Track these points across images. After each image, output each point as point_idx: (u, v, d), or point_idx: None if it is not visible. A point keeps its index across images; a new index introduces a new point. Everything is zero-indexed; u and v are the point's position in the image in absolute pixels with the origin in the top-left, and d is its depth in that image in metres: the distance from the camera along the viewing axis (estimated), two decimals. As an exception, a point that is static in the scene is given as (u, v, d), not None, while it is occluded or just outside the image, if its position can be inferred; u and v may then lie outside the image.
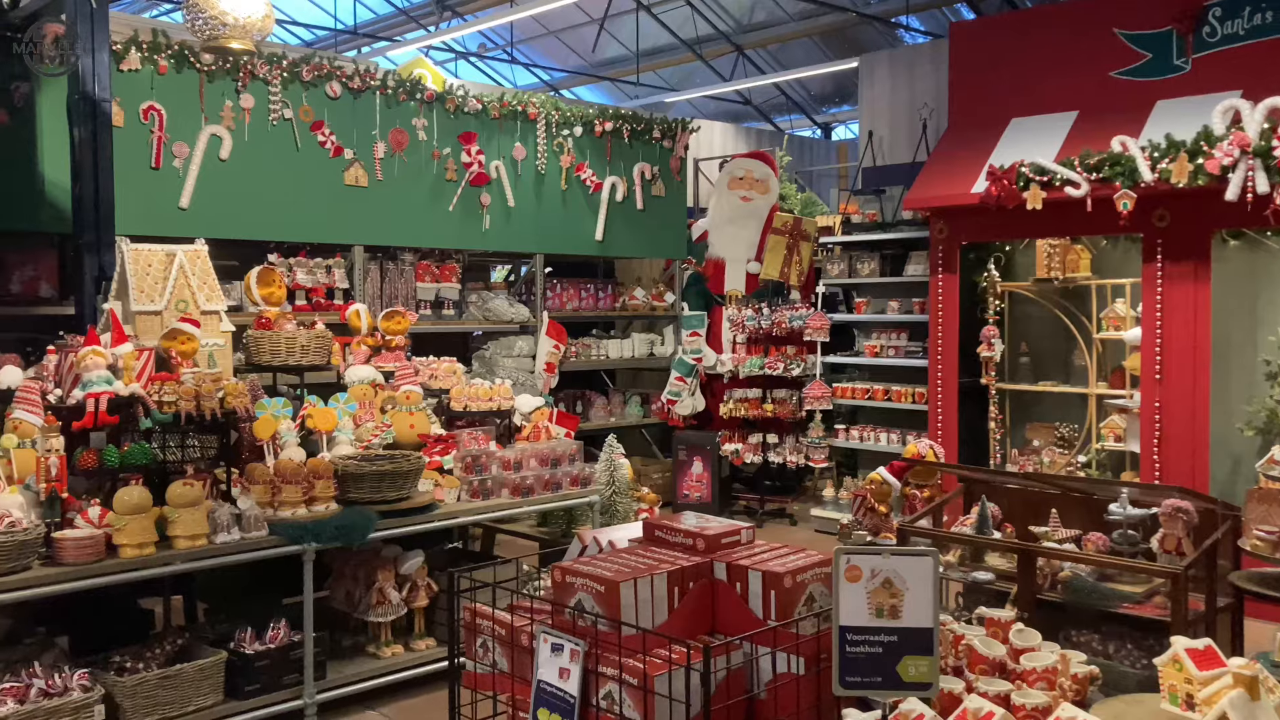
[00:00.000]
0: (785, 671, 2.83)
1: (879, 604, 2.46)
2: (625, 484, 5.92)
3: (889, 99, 10.05)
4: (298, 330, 5.41)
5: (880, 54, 11.35)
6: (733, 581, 3.04)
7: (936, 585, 2.44)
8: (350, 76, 7.26)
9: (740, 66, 18.90)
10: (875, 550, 2.50)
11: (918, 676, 2.46)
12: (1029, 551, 4.02)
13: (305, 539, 4.44)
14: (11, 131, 5.89)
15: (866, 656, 2.47)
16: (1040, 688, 2.74)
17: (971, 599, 4.40)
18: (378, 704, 4.70)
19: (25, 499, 3.99)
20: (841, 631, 2.51)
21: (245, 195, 6.76)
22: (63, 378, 4.47)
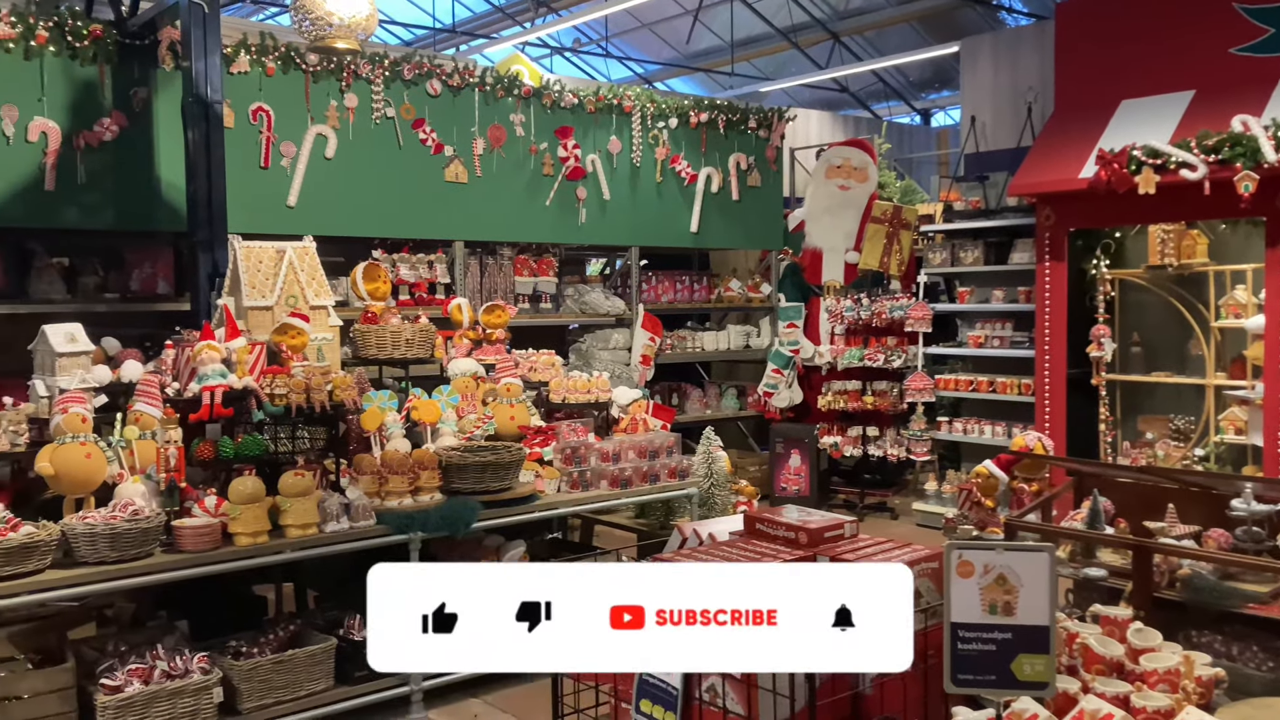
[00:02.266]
0: (891, 668, 2.78)
1: (992, 600, 2.40)
2: (723, 476, 5.90)
3: (992, 83, 9.78)
4: (402, 324, 5.52)
5: (982, 37, 11.06)
6: (836, 575, 2.99)
7: (1053, 582, 2.37)
8: (449, 74, 7.37)
9: (837, 54, 18.63)
10: (988, 545, 2.44)
11: (1033, 675, 2.38)
12: (1146, 548, 3.88)
13: (411, 528, 4.53)
14: (131, 135, 6.14)
15: (979, 654, 2.41)
16: (1162, 690, 2.64)
17: (1083, 596, 4.26)
18: (481, 692, 4.77)
19: (147, 488, 4.15)
20: (953, 628, 2.45)
21: (350, 193, 6.92)
22: (180, 371, 4.63)
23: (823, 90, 20.35)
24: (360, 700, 4.46)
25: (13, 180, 5.75)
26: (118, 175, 6.08)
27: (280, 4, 16.23)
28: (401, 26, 18.07)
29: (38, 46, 5.80)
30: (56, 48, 5.86)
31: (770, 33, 18.51)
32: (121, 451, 4.22)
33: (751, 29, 18.44)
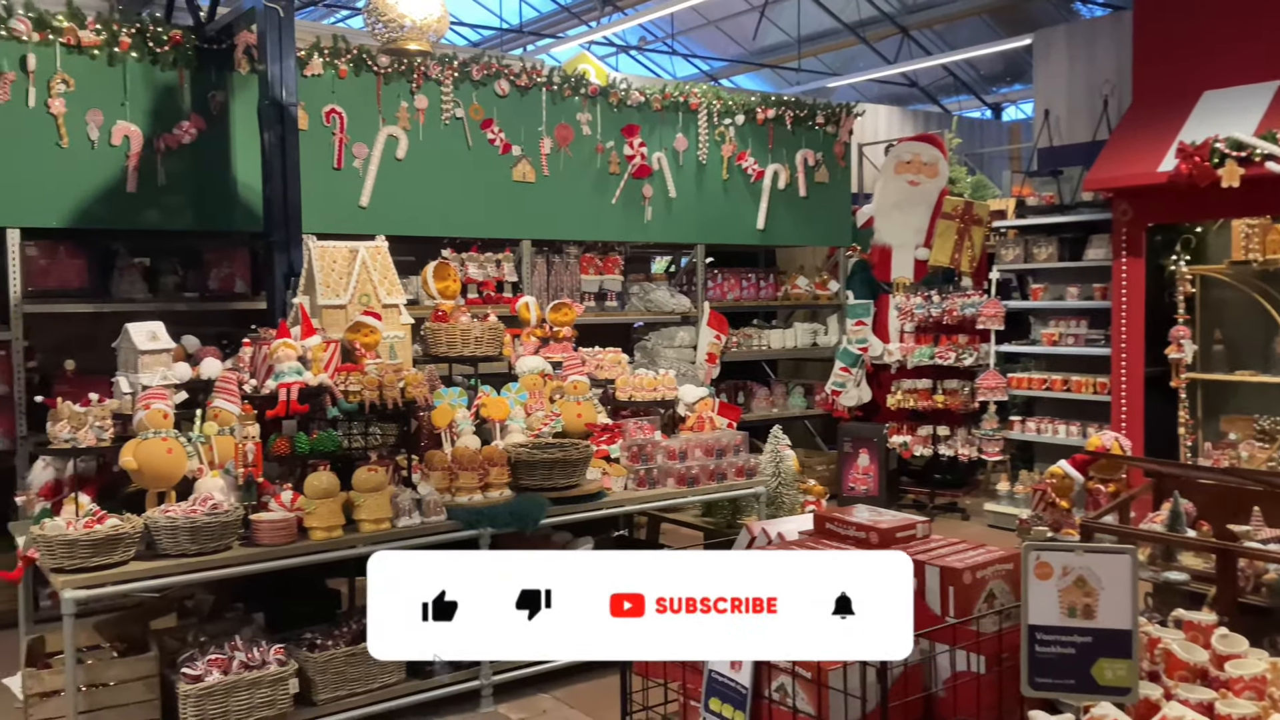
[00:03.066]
0: (965, 670, 2.74)
1: (1071, 603, 2.34)
2: (791, 475, 5.86)
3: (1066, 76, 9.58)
4: (472, 323, 5.58)
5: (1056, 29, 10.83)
6: (908, 576, 2.95)
7: (1135, 585, 2.31)
8: (518, 74, 7.43)
9: (905, 48, 18.40)
10: (1067, 547, 2.39)
11: (1115, 680, 2.33)
12: (1231, 552, 3.76)
13: (481, 523, 4.57)
14: (209, 138, 6.29)
15: (1058, 657, 2.36)
16: (1248, 697, 2.56)
17: (1163, 600, 4.15)
18: (550, 688, 4.80)
19: (225, 483, 4.25)
20: (1030, 630, 2.40)
21: (420, 193, 7.01)
22: (257, 369, 4.74)
23: (891, 85, 20.11)
24: (431, 693, 4.52)
25: (97, 183, 5.93)
26: (196, 177, 6.24)
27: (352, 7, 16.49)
28: (469, 27, 18.26)
29: (121, 52, 5.97)
30: (139, 53, 6.03)
31: (838, 28, 18.34)
32: (201, 447, 4.32)
33: (819, 24, 18.30)
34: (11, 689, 4.70)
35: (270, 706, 4.07)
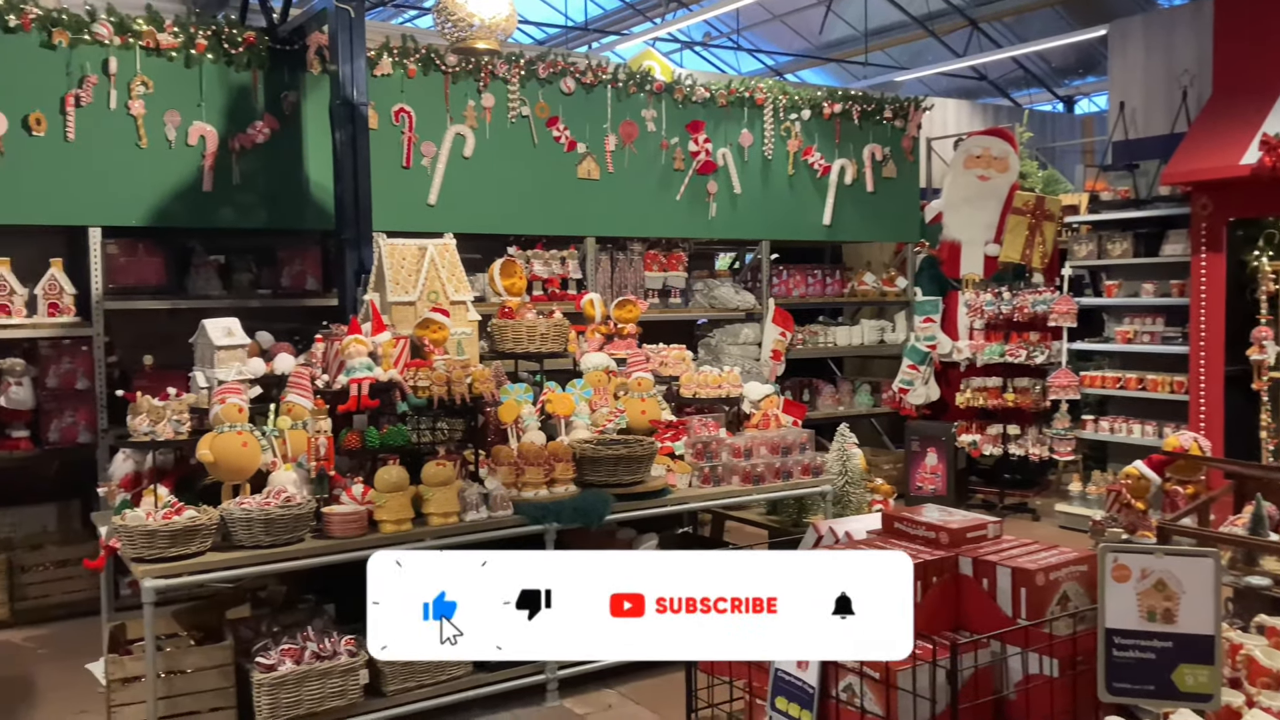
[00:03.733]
0: (1037, 673, 2.69)
1: (1150, 607, 2.29)
2: (858, 474, 5.80)
3: (1142, 67, 9.33)
4: (538, 319, 5.61)
5: (1133, 19, 10.56)
6: (979, 577, 2.91)
7: (1218, 589, 2.24)
8: (583, 72, 7.45)
9: (975, 41, 18.10)
10: (1146, 549, 2.33)
11: (1196, 687, 2.27)
12: (1315, 556, 3.65)
13: (547, 519, 4.60)
14: (281, 138, 6.41)
15: (1136, 662, 2.31)
16: (1335, 707, 2.48)
17: (1244, 605, 4.03)
18: (615, 683, 4.81)
19: (298, 476, 4.33)
20: (1108, 634, 2.35)
21: (487, 191, 7.07)
22: (329, 364, 4.82)
23: (960, 78, 19.80)
24: (498, 687, 4.56)
25: (174, 182, 6.08)
26: (269, 176, 6.36)
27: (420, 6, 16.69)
28: (535, 25, 18.37)
29: (197, 54, 6.11)
30: (214, 55, 6.17)
31: (905, 21, 18.10)
32: (275, 440, 4.40)
33: (886, 17, 18.08)
34: (95, 674, 4.86)
35: (341, 696, 4.15)
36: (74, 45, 5.78)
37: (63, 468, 6.30)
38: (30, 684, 5.00)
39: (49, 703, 4.77)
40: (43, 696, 4.85)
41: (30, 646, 5.56)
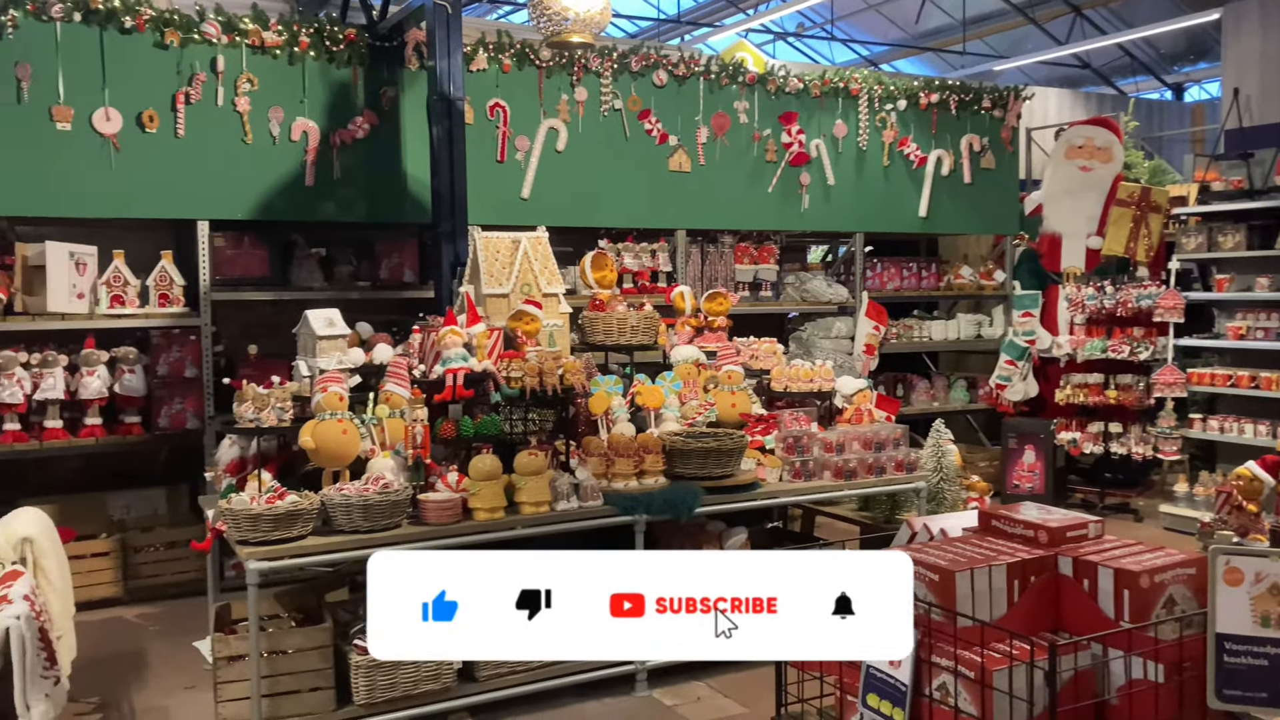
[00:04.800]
0: (1140, 678, 2.61)
1: (1265, 612, 2.20)
2: (953, 471, 5.70)
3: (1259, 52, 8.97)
4: (628, 311, 5.63)
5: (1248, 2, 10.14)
6: (1079, 578, 2.83)
7: (1338, 595, 2.15)
8: (675, 64, 7.45)
9: (1078, 28, 17.58)
10: (1261, 553, 2.24)
11: (1311, 696, 2.18)
12: None
13: (637, 510, 4.62)
14: (380, 133, 6.55)
15: (1249, 669, 2.22)
16: None
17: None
18: (705, 675, 4.81)
19: (395, 463, 4.42)
20: (1219, 640, 2.27)
21: (579, 184, 7.12)
22: (426, 354, 4.91)
23: (1062, 67, 19.27)
24: (588, 675, 4.60)
25: (278, 177, 6.26)
26: (368, 171, 6.51)
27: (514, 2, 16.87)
28: (627, 19, 18.43)
29: (300, 52, 6.27)
30: (316, 52, 6.33)
31: (1005, 8, 17.68)
32: (373, 428, 4.50)
33: (984, 5, 17.68)
34: (202, 651, 5.05)
35: (435, 680, 4.23)
36: (184, 45, 5.99)
37: (172, 453, 6.55)
38: (142, 659, 5.22)
39: (159, 677, 4.97)
40: (153, 671, 5.06)
41: (141, 623, 5.80)
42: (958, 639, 2.72)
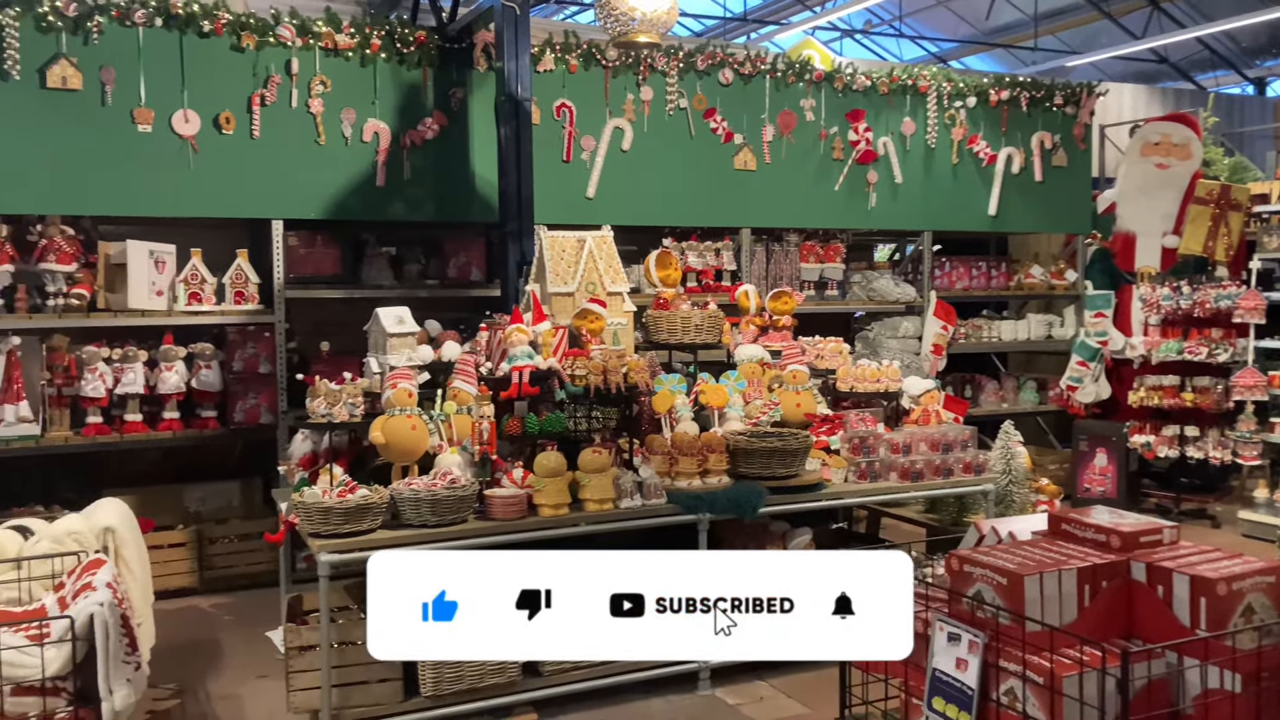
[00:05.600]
0: (1217, 688, 2.55)
1: (1347, 622, 2.14)
2: (1022, 473, 5.61)
3: (1346, 44, 8.67)
4: (692, 310, 5.64)
5: (1334, -8, 9.83)
6: (1153, 584, 2.78)
7: None
8: (741, 63, 7.44)
9: (1155, 22, 17.16)
10: (1344, 560, 2.17)
11: (1396, 710, 2.11)
12: None
13: (700, 509, 4.63)
14: (449, 133, 6.63)
15: (1330, 680, 2.16)
16: None
17: None
18: (768, 675, 4.80)
19: (462, 459, 4.49)
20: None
21: (643, 183, 7.14)
22: (492, 352, 4.97)
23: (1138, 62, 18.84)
24: (652, 672, 4.61)
25: (350, 177, 6.38)
26: (437, 171, 6.60)
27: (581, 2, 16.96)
28: (693, 18, 18.41)
29: (372, 54, 6.38)
30: (387, 54, 6.43)
31: (1079, 3, 17.34)
32: (441, 424, 4.57)
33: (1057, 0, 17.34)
34: (274, 641, 5.17)
35: (501, 674, 4.29)
36: (260, 48, 6.12)
37: (246, 447, 6.71)
38: (216, 647, 5.36)
39: (232, 666, 5.10)
40: (227, 660, 5.19)
41: (216, 613, 5.95)
42: (1026, 643, 2.69)
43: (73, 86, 5.73)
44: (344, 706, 4.12)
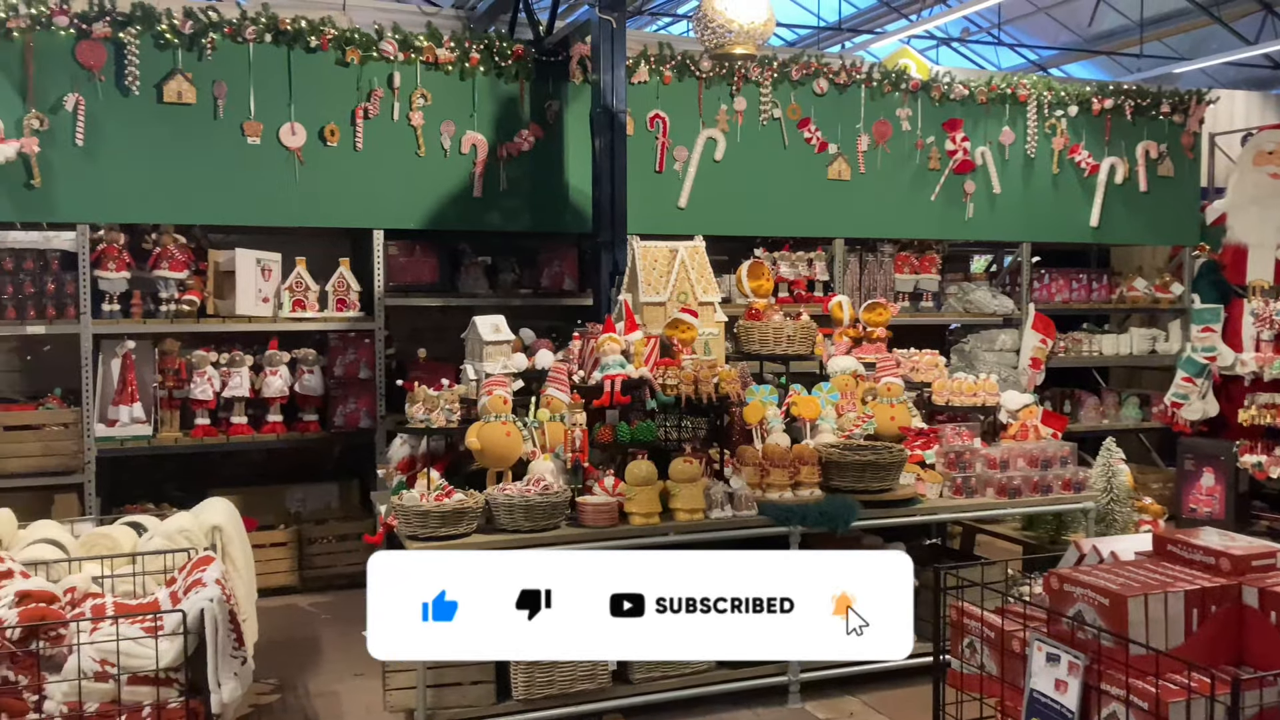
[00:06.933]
0: (1335, 719, 2.46)
1: None
2: (1125, 492, 5.45)
3: None
4: (785, 321, 5.62)
5: None
6: (1265, 610, 2.69)
7: None
8: (836, 72, 7.39)
9: (1269, 25, 16.53)
10: None
11: None
12: None
13: (792, 521, 4.60)
14: (544, 145, 6.73)
15: None
16: None
17: None
18: (858, 690, 4.75)
19: (555, 466, 4.54)
20: None
21: (735, 193, 7.15)
22: (585, 360, 5.02)
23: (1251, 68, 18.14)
24: (739, 684, 4.60)
25: (449, 188, 6.52)
26: (532, 182, 6.71)
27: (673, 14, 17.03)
28: (786, 27, 18.31)
29: (471, 68, 6.52)
30: (486, 68, 6.56)
31: (1187, 7, 16.77)
32: (535, 431, 4.64)
33: (1163, 4, 16.81)
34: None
35: (591, 680, 4.33)
36: (364, 62, 6.30)
37: (344, 449, 6.89)
38: (315, 645, 5.51)
39: (330, 663, 5.24)
40: (325, 657, 5.33)
41: (314, 611, 6.11)
42: (1129, 667, 2.62)
43: (187, 101, 5.97)
44: (438, 707, 4.19)
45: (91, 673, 3.24)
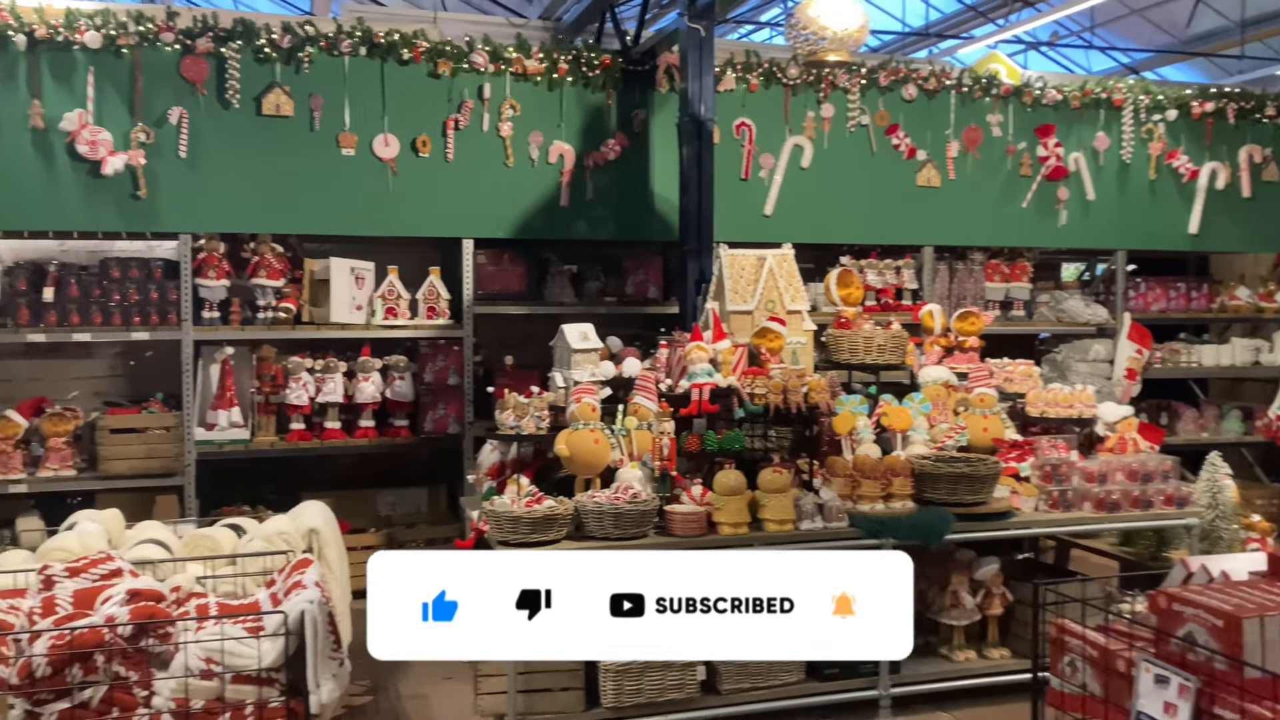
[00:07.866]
0: None
1: None
2: (1230, 508, 5.25)
3: None
4: (875, 330, 5.55)
5: None
6: (1392, 634, 2.57)
7: None
8: (925, 78, 7.30)
9: (1378, 23, 15.86)
10: None
11: None
12: None
13: (884, 534, 4.53)
14: (630, 154, 6.77)
15: None
16: None
17: None
18: (950, 706, 4.66)
19: (643, 474, 4.55)
20: None
21: (822, 201, 7.10)
22: (672, 369, 5.02)
23: (1359, 67, 17.42)
24: (829, 697, 4.55)
25: (537, 198, 6.59)
26: (619, 191, 6.75)
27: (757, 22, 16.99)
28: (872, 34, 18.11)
29: (559, 78, 6.58)
30: (573, 78, 6.62)
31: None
32: (622, 439, 4.64)
33: (1267, 4, 16.23)
34: (459, 644, 5.32)
35: (679, 690, 4.32)
36: (455, 74, 6.40)
37: (434, 455, 6.99)
38: (404, 647, 5.57)
39: (421, 667, 5.26)
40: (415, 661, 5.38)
41: (404, 614, 6.19)
42: (1244, 691, 2.53)
43: (285, 113, 6.13)
44: (528, 712, 4.23)
45: (198, 670, 3.34)
